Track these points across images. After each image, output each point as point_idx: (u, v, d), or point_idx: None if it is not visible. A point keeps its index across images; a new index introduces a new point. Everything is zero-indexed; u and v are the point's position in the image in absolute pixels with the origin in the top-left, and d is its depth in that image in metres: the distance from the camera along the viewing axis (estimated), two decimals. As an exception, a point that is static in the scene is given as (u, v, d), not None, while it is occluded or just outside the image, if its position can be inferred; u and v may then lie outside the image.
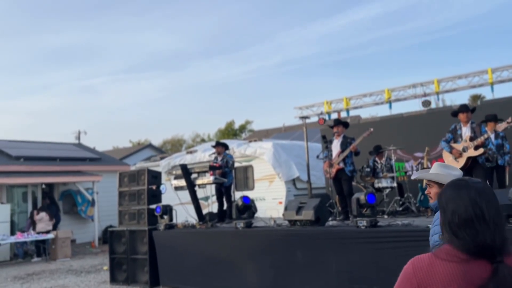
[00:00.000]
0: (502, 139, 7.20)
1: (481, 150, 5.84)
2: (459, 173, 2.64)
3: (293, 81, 69.52)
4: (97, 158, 17.02)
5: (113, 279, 8.31)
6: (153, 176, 8.35)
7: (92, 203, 14.87)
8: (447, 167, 2.73)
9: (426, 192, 2.92)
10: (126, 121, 70.03)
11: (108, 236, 8.64)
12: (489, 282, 1.36)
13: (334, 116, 11.69)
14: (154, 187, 8.34)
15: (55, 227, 13.04)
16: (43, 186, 14.87)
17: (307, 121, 12.38)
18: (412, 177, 2.90)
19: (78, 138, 27.62)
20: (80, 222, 15.22)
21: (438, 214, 2.65)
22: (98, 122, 69.32)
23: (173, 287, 7.66)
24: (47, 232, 12.30)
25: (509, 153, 7.18)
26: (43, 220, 12.51)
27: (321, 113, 11.42)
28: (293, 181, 12.41)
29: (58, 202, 14.98)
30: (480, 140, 5.83)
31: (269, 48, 67.54)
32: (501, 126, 5.84)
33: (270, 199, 12.14)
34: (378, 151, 8.18)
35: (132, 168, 14.73)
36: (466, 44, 58.79)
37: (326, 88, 65.72)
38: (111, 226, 12.30)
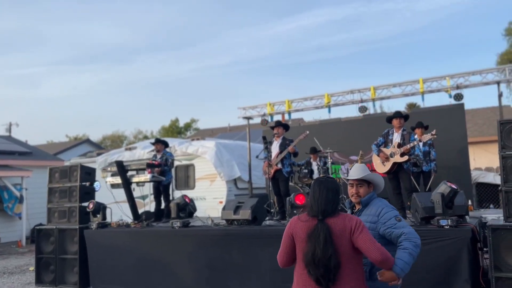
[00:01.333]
0: (429, 147, 7.68)
1: (406, 157, 6.17)
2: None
3: (240, 81, 69.85)
4: (28, 152, 16.03)
5: (39, 281, 7.84)
6: (87, 172, 7.99)
7: (20, 199, 13.98)
8: (365, 168, 3.11)
9: (354, 191, 3.05)
10: (64, 114, 66.75)
11: (35, 235, 8.15)
12: (314, 228, 2.69)
13: (277, 118, 11.85)
14: (87, 184, 7.98)
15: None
16: (-35, 180, 13.76)
17: (252, 122, 12.50)
18: (356, 177, 3.03)
19: (9, 130, 25.88)
20: (6, 220, 14.22)
21: (380, 203, 2.93)
22: (32, 114, 65.39)
23: (104, 288, 7.38)
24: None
25: (434, 161, 7.67)
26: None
27: (264, 115, 11.53)
28: (235, 181, 12.45)
29: (-18, 199, 13.92)
30: (406, 147, 6.15)
31: (218, 48, 67.37)
32: (426, 137, 6.19)
33: (211, 199, 12.09)
34: (313, 152, 8.41)
35: (67, 163, 14.03)
36: (402, 55, 62.07)
37: (271, 90, 66.73)
38: (41, 225, 11.62)
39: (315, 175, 8.29)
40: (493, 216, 6.21)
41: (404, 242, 2.75)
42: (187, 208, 7.46)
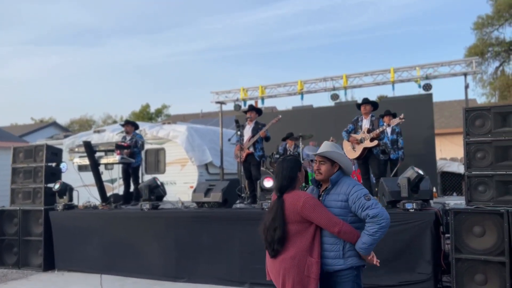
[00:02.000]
0: (397, 135, 7.87)
1: (375, 142, 6.31)
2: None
3: (214, 68, 69.19)
4: (-9, 133, 15.41)
5: (1, 263, 7.61)
6: (53, 152, 7.76)
7: (-18, 181, 13.44)
8: (336, 147, 3.12)
9: (316, 168, 3.07)
10: (29, 96, 64.41)
11: (-2, 216, 7.87)
12: (273, 203, 2.99)
13: (251, 103, 11.81)
14: (53, 164, 7.76)
15: None
16: None
17: (225, 108, 12.41)
18: (316, 152, 3.05)
19: (-30, 110, 24.77)
20: (-34, 203, 13.68)
21: (349, 182, 3.00)
22: (-5, 95, 62.80)
23: (70, 271, 7.24)
24: None
25: (402, 149, 7.86)
26: None
27: (237, 100, 11.47)
28: (206, 166, 12.38)
29: None
30: (375, 132, 6.28)
31: (192, 33, 66.37)
32: (394, 121, 6.34)
33: (182, 183, 11.99)
34: (289, 137, 8.46)
35: (32, 145, 13.56)
36: (375, 47, 63.00)
37: (245, 78, 66.45)
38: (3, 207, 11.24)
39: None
40: (456, 202, 6.46)
41: (368, 225, 2.82)
42: (157, 191, 7.38)
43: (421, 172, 5.23)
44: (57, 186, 7.44)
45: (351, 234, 2.87)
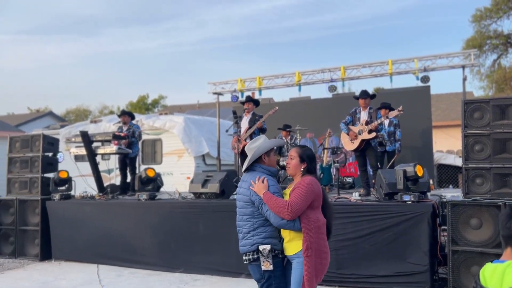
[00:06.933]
0: (394, 127, 7.86)
1: (373, 134, 6.31)
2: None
3: (211, 59, 68.82)
4: (-14, 122, 15.31)
5: (-3, 252, 7.61)
6: (50, 142, 7.72)
7: (-22, 171, 13.38)
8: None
9: (286, 163, 3.19)
10: (26, 86, 63.97)
11: (-6, 206, 7.85)
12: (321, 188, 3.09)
13: (248, 94, 11.77)
14: (50, 154, 7.72)
15: None
16: None
17: (222, 99, 12.35)
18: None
19: (-35, 99, 24.57)
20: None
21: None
22: (-10, 84, 62.30)
23: (67, 260, 7.24)
24: None
25: (399, 141, 7.86)
26: None
27: (235, 91, 11.42)
28: (203, 157, 12.37)
29: None
30: (373, 124, 6.28)
31: (189, 24, 65.87)
32: (393, 113, 6.34)
33: (178, 174, 11.98)
34: (286, 129, 8.44)
35: (28, 135, 13.49)
36: (373, 39, 62.82)
37: (242, 70, 66.21)
38: None
39: (283, 151, 8.34)
40: (453, 194, 6.48)
41: None
42: (154, 182, 7.36)
43: (419, 174, 5.19)
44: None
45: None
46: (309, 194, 2.90)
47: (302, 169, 3.10)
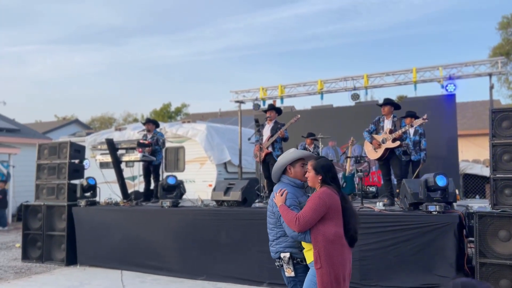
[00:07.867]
0: (419, 136, 7.74)
1: (397, 143, 6.22)
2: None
3: (233, 68, 69.23)
4: (16, 130, 15.81)
5: (25, 256, 7.81)
6: (76, 149, 7.91)
7: (7, 177, 13.81)
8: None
9: (306, 175, 3.24)
10: (53, 95, 65.75)
11: (23, 211, 8.08)
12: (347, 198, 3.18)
13: (270, 102, 11.79)
14: (76, 161, 7.91)
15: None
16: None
17: (244, 107, 12.44)
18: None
19: (-4, 107, 25.42)
20: (-8, 197, 14.03)
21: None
22: (20, 93, 64.31)
23: (92, 266, 7.37)
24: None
25: (425, 150, 7.72)
26: None
27: (256, 99, 11.47)
28: (225, 165, 12.44)
29: (-32, 175, 13.72)
30: (398, 133, 6.20)
31: (212, 33, 66.43)
32: (417, 122, 6.24)
33: (200, 182, 12.07)
34: (309, 136, 8.43)
35: (55, 142, 13.85)
36: (396, 47, 62.07)
37: (264, 78, 66.25)
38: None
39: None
40: (480, 205, 6.32)
41: None
42: (177, 189, 7.45)
43: (440, 185, 5.11)
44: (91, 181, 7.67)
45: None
46: (319, 207, 2.96)
47: (319, 181, 3.14)
